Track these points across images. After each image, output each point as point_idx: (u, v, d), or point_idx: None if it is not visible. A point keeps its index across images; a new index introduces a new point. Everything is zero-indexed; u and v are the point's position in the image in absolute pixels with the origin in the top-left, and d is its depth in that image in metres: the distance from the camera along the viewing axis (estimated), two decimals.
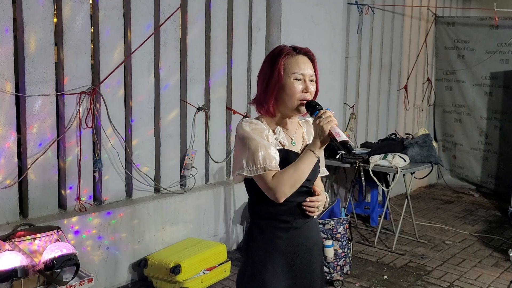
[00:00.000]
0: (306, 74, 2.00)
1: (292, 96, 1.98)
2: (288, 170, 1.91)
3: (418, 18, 7.30)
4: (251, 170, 1.91)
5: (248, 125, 1.97)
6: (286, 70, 1.98)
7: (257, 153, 1.90)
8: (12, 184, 3.46)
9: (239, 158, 1.96)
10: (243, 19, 4.84)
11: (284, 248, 2.03)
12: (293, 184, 1.91)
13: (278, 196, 1.91)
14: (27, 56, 3.45)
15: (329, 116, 1.92)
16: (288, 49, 2.02)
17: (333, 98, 5.65)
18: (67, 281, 3.14)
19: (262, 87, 2.03)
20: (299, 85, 1.98)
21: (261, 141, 1.93)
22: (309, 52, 2.05)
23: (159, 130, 4.30)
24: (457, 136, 7.70)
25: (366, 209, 5.81)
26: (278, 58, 1.99)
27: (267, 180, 1.91)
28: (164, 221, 4.26)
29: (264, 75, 2.03)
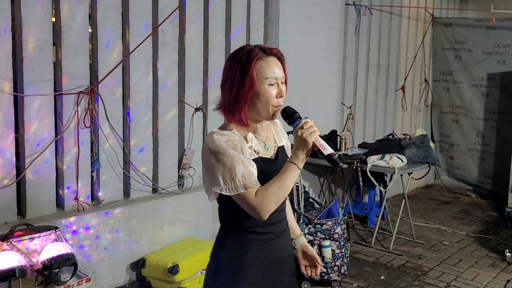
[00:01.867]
0: (279, 77, 1.85)
1: (267, 103, 1.83)
2: (273, 187, 1.76)
3: (415, 19, 7.32)
4: (230, 188, 1.75)
5: (220, 137, 1.80)
6: (259, 75, 1.81)
7: (234, 170, 1.74)
8: (10, 184, 3.46)
9: (212, 173, 1.79)
10: (241, 19, 4.85)
11: (259, 261, 1.91)
12: (278, 201, 1.78)
13: (263, 215, 1.76)
14: (26, 56, 3.45)
15: (311, 126, 1.79)
16: (258, 51, 1.84)
17: (330, 98, 5.67)
18: (65, 281, 3.14)
19: (231, 94, 1.84)
20: (273, 90, 1.83)
21: (236, 156, 1.76)
22: (279, 52, 1.89)
23: (157, 130, 4.31)
24: (454, 137, 7.72)
25: (364, 210, 5.82)
26: (248, 62, 1.81)
27: (249, 199, 1.75)
28: (162, 221, 4.27)
29: (232, 81, 1.83)
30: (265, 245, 1.92)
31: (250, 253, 1.89)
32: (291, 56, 5.12)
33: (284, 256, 2.00)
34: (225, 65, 1.91)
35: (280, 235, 1.97)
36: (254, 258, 1.90)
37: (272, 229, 1.93)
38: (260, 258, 1.91)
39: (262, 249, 1.91)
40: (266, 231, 1.91)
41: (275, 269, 1.96)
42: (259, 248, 1.91)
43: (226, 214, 1.94)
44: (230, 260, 1.90)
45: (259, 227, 1.89)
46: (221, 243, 1.94)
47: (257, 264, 1.91)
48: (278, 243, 1.96)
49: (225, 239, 1.93)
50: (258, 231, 1.90)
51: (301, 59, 5.22)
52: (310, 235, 4.06)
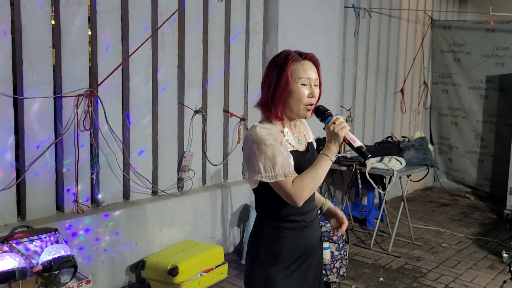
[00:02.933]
0: (312, 79, 2.04)
1: (299, 101, 2.03)
2: (308, 176, 1.95)
3: (414, 22, 7.34)
4: (270, 176, 1.94)
5: (262, 130, 1.99)
6: (293, 75, 2.01)
7: (275, 159, 1.93)
8: (10, 186, 3.47)
9: (254, 162, 1.97)
10: (240, 22, 4.87)
11: (293, 248, 2.07)
12: (312, 189, 1.97)
13: (298, 201, 1.95)
14: (25, 58, 3.46)
15: (342, 122, 1.99)
16: (294, 55, 2.05)
17: (330, 101, 5.67)
18: (65, 282, 3.15)
19: (268, 92, 2.05)
20: (305, 90, 2.02)
21: (277, 147, 1.96)
22: (314, 57, 2.09)
23: (157, 132, 4.32)
24: (453, 139, 7.73)
25: (363, 212, 5.83)
26: (285, 63, 2.02)
27: (287, 186, 1.94)
28: (161, 223, 4.27)
29: (270, 80, 2.05)
30: (298, 232, 2.08)
31: (285, 239, 2.06)
32: None
33: (315, 244, 2.17)
34: (266, 67, 2.12)
35: (312, 223, 2.14)
36: (289, 244, 2.06)
37: (305, 218, 2.10)
38: (294, 244, 2.07)
39: (296, 236, 2.08)
40: (300, 219, 2.08)
41: (306, 256, 2.12)
42: (294, 235, 2.07)
43: (263, 203, 2.10)
44: (267, 246, 2.07)
45: (294, 215, 2.06)
46: (259, 230, 2.11)
47: (291, 250, 2.07)
48: (310, 231, 2.13)
49: (262, 226, 2.10)
50: (293, 219, 2.07)
51: None
52: None
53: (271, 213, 2.08)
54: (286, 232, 2.07)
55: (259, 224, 2.13)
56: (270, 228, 2.08)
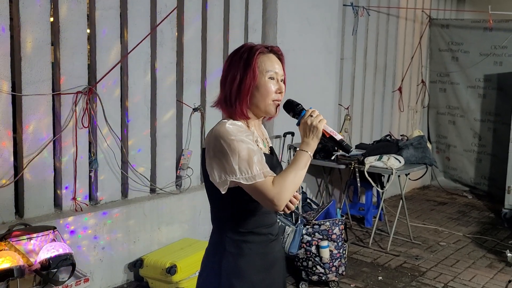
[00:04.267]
0: (279, 73, 1.88)
1: (266, 96, 1.84)
2: (289, 175, 1.74)
3: (412, 20, 7.34)
4: (247, 177, 1.70)
5: (233, 127, 1.77)
6: (260, 68, 1.84)
7: (251, 158, 1.71)
8: (8, 184, 3.45)
9: (225, 163, 1.73)
10: (239, 20, 4.85)
11: (260, 264, 1.89)
12: (294, 190, 1.75)
13: (280, 205, 1.72)
14: (24, 55, 3.44)
15: (319, 114, 1.83)
16: (260, 46, 1.88)
17: (328, 99, 5.67)
18: (63, 281, 3.13)
19: (232, 88, 1.84)
20: (273, 84, 1.86)
21: (251, 145, 1.75)
22: (279, 51, 1.93)
23: (155, 130, 4.30)
24: (450, 138, 7.74)
25: (361, 210, 5.83)
26: (251, 56, 1.84)
27: (267, 188, 1.70)
28: (159, 222, 4.26)
29: (234, 75, 1.84)
30: (265, 247, 1.90)
31: (251, 256, 1.86)
32: (288, 57, 5.04)
33: (280, 257, 2.01)
34: (225, 61, 1.92)
35: (277, 236, 1.97)
36: (255, 260, 1.88)
37: (271, 230, 1.92)
38: (261, 260, 1.89)
39: (263, 251, 1.89)
40: (266, 231, 1.89)
41: (273, 271, 1.95)
42: (260, 250, 1.88)
43: (227, 213, 1.87)
44: (232, 263, 1.85)
45: (261, 227, 1.87)
46: (221, 245, 1.87)
47: (258, 266, 1.89)
48: (276, 245, 1.96)
49: (224, 240, 1.86)
50: (260, 232, 1.87)
51: (298, 60, 5.23)
52: (308, 236, 4.06)
53: (236, 226, 1.84)
54: (252, 247, 1.85)
55: (219, 238, 1.88)
56: (234, 243, 1.84)
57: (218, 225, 1.92)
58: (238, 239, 1.85)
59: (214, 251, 1.90)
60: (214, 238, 1.92)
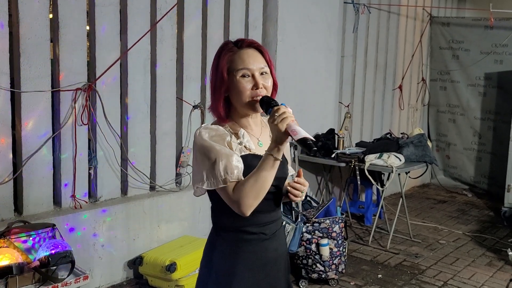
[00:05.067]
0: (254, 69, 1.78)
1: (241, 96, 1.78)
2: (249, 180, 1.69)
3: (413, 18, 7.32)
4: (211, 183, 1.71)
5: (207, 132, 1.77)
6: (230, 68, 1.78)
7: (217, 164, 1.70)
8: (7, 181, 3.43)
9: (198, 169, 1.76)
10: (239, 17, 4.84)
11: (250, 262, 1.86)
12: (257, 195, 1.70)
13: (243, 210, 1.71)
14: (23, 51, 3.42)
15: (284, 112, 1.67)
16: (230, 45, 1.82)
17: (328, 97, 5.66)
18: (62, 278, 3.12)
19: (211, 91, 1.85)
20: (247, 82, 1.78)
21: (221, 150, 1.72)
22: (254, 43, 1.84)
23: (155, 127, 4.29)
24: (451, 136, 7.73)
25: (361, 208, 5.82)
26: (220, 57, 1.81)
27: (229, 193, 1.71)
28: (159, 219, 4.25)
29: (211, 79, 1.85)
30: (257, 246, 1.86)
31: (242, 253, 1.85)
32: (289, 54, 5.11)
33: (278, 257, 1.94)
34: None
35: (273, 236, 1.91)
36: (246, 258, 1.85)
37: (264, 230, 1.87)
38: (253, 258, 1.86)
39: (255, 250, 1.86)
40: (257, 231, 1.86)
41: (268, 270, 1.90)
42: (251, 249, 1.85)
43: (217, 213, 1.88)
44: (222, 260, 1.86)
45: (251, 226, 1.84)
46: (213, 242, 1.89)
47: (250, 264, 1.86)
48: (271, 244, 1.90)
49: (217, 238, 1.88)
50: (250, 231, 1.84)
51: (299, 58, 5.21)
52: (308, 234, 4.05)
53: (225, 224, 1.85)
54: (241, 246, 1.84)
55: (212, 236, 1.91)
56: (224, 241, 1.86)
57: (213, 223, 1.93)
58: (228, 237, 1.86)
59: (209, 247, 1.92)
60: (210, 235, 1.94)
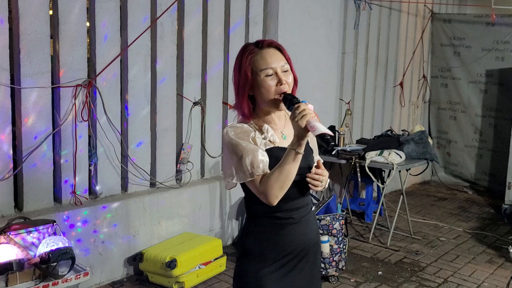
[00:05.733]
0: (276, 67, 1.92)
1: (267, 94, 1.91)
2: (274, 173, 1.85)
3: (414, 15, 7.30)
4: (240, 177, 1.89)
5: (232, 130, 1.92)
6: (254, 68, 1.92)
7: (243, 159, 1.86)
8: (7, 177, 3.43)
9: (228, 165, 1.93)
10: (240, 13, 4.82)
11: (280, 244, 1.99)
12: (282, 186, 1.86)
13: (269, 200, 1.87)
14: (23, 48, 3.42)
15: (303, 110, 1.80)
16: (251, 47, 1.96)
17: (329, 93, 5.65)
18: (62, 274, 3.13)
19: (235, 91, 1.99)
20: (271, 80, 1.91)
21: (247, 146, 1.87)
22: (274, 42, 1.98)
23: (155, 124, 4.28)
24: (451, 133, 7.72)
25: (361, 205, 5.82)
26: (242, 58, 1.94)
27: (256, 186, 1.88)
28: (159, 216, 4.25)
29: (234, 78, 1.99)
30: (285, 229, 1.99)
31: (272, 236, 1.99)
32: (289, 50, 5.01)
33: (307, 241, 2.05)
34: None
35: (301, 220, 2.03)
36: (276, 241, 1.99)
37: (292, 215, 2.00)
38: (280, 241, 1.99)
39: (283, 232, 1.99)
40: (286, 216, 1.99)
41: (296, 253, 2.02)
42: (280, 232, 1.99)
43: (250, 202, 2.03)
44: (253, 242, 2.02)
45: (280, 212, 1.97)
46: (246, 226, 2.08)
47: (278, 246, 1.99)
48: (299, 227, 2.02)
49: (249, 224, 2.06)
50: (279, 216, 1.98)
51: (299, 54, 5.19)
52: None
53: (256, 210, 2.01)
54: (271, 229, 1.99)
55: (247, 220, 2.10)
56: (256, 225, 2.02)
57: (246, 210, 2.10)
58: (260, 222, 2.01)
59: (244, 231, 2.10)
60: (245, 221, 2.13)
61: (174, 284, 3.83)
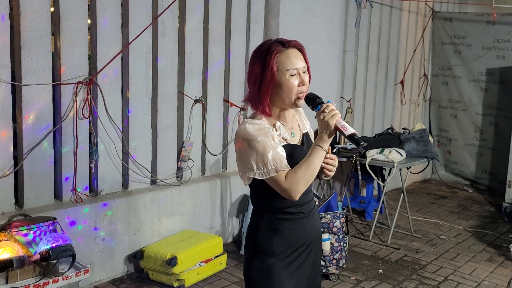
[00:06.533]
0: (299, 68, 1.98)
1: (289, 93, 1.97)
2: (301, 168, 1.91)
3: (415, 13, 7.29)
4: (263, 172, 1.91)
5: (251, 126, 1.95)
6: (280, 67, 1.95)
7: (266, 155, 1.89)
8: (8, 174, 3.43)
9: (246, 160, 1.94)
10: (241, 10, 4.82)
11: (292, 238, 2.05)
12: (307, 182, 1.93)
13: (293, 195, 1.92)
14: (24, 45, 3.41)
15: (333, 109, 1.92)
16: (277, 46, 1.98)
17: (330, 92, 5.64)
18: (63, 272, 3.12)
19: (255, 87, 1.99)
20: (295, 80, 1.97)
21: (267, 142, 1.92)
22: (298, 44, 2.03)
23: (156, 121, 4.28)
24: (452, 132, 7.72)
25: (362, 203, 5.82)
26: (268, 56, 1.96)
27: (280, 181, 1.91)
28: (160, 213, 4.25)
29: (256, 75, 1.98)
30: (296, 223, 2.06)
31: (283, 231, 2.04)
32: None
33: (314, 234, 2.14)
34: (249, 60, 2.05)
35: (310, 214, 2.11)
36: (286, 235, 2.04)
37: (302, 209, 2.07)
38: (292, 235, 2.05)
39: (295, 227, 2.05)
40: (297, 211, 2.06)
41: (306, 246, 2.09)
42: (292, 226, 2.05)
43: (260, 197, 2.07)
44: (265, 238, 2.04)
45: (291, 207, 2.04)
46: (256, 222, 2.08)
47: (290, 241, 2.04)
48: (308, 221, 2.10)
49: (259, 219, 2.07)
50: (290, 211, 2.04)
51: None
52: None
53: (267, 206, 2.05)
54: (283, 224, 2.04)
55: (256, 216, 2.11)
56: (267, 220, 2.05)
57: (254, 205, 2.13)
58: (270, 217, 2.05)
59: (253, 227, 2.11)
60: (253, 216, 2.13)
61: (174, 281, 3.84)
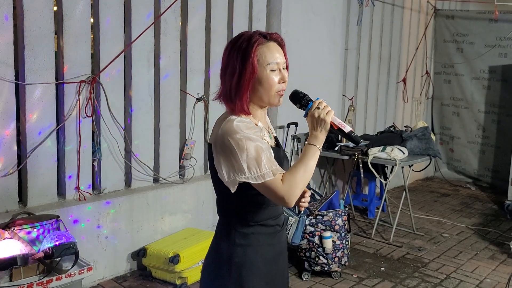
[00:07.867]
0: (280, 63, 1.79)
1: (270, 89, 1.78)
2: (298, 171, 1.70)
3: (417, 11, 7.28)
4: (256, 176, 1.67)
5: (241, 124, 1.73)
6: (260, 61, 1.75)
7: (260, 157, 1.67)
8: (12, 173, 3.45)
9: (232, 162, 1.69)
10: (243, 9, 4.82)
11: (268, 254, 1.88)
12: (304, 185, 1.72)
13: (291, 201, 1.70)
14: (27, 44, 3.43)
15: (326, 106, 1.76)
16: (258, 37, 1.77)
17: (332, 90, 5.65)
18: (66, 269, 3.14)
19: (232, 82, 1.76)
20: (275, 76, 1.78)
21: (260, 142, 1.70)
22: (279, 37, 1.83)
23: (159, 120, 4.29)
24: (454, 130, 7.72)
25: (364, 201, 5.83)
26: (249, 47, 1.75)
27: (277, 186, 1.67)
28: (163, 211, 4.27)
29: (233, 68, 1.76)
30: (273, 238, 1.89)
31: (260, 247, 1.85)
32: (292, 47, 5.09)
33: (284, 248, 1.99)
34: (224, 52, 1.83)
35: (283, 227, 1.95)
36: (264, 251, 1.86)
37: (278, 221, 1.91)
38: (269, 251, 1.88)
39: (271, 242, 1.88)
40: (274, 223, 1.88)
41: (278, 260, 1.94)
42: (268, 241, 1.87)
43: (236, 207, 1.83)
44: (240, 255, 1.82)
45: (269, 219, 1.86)
46: (229, 238, 1.84)
47: (267, 257, 1.88)
48: (282, 235, 1.94)
49: (233, 233, 1.83)
50: (268, 224, 1.86)
51: (302, 50, 5.20)
52: (311, 226, 4.06)
53: (244, 218, 1.82)
54: (260, 239, 1.84)
55: (227, 230, 1.85)
56: (242, 235, 1.82)
57: (225, 217, 1.88)
58: (246, 231, 1.83)
59: (223, 244, 1.86)
60: (221, 230, 1.89)
61: (177, 279, 3.85)
